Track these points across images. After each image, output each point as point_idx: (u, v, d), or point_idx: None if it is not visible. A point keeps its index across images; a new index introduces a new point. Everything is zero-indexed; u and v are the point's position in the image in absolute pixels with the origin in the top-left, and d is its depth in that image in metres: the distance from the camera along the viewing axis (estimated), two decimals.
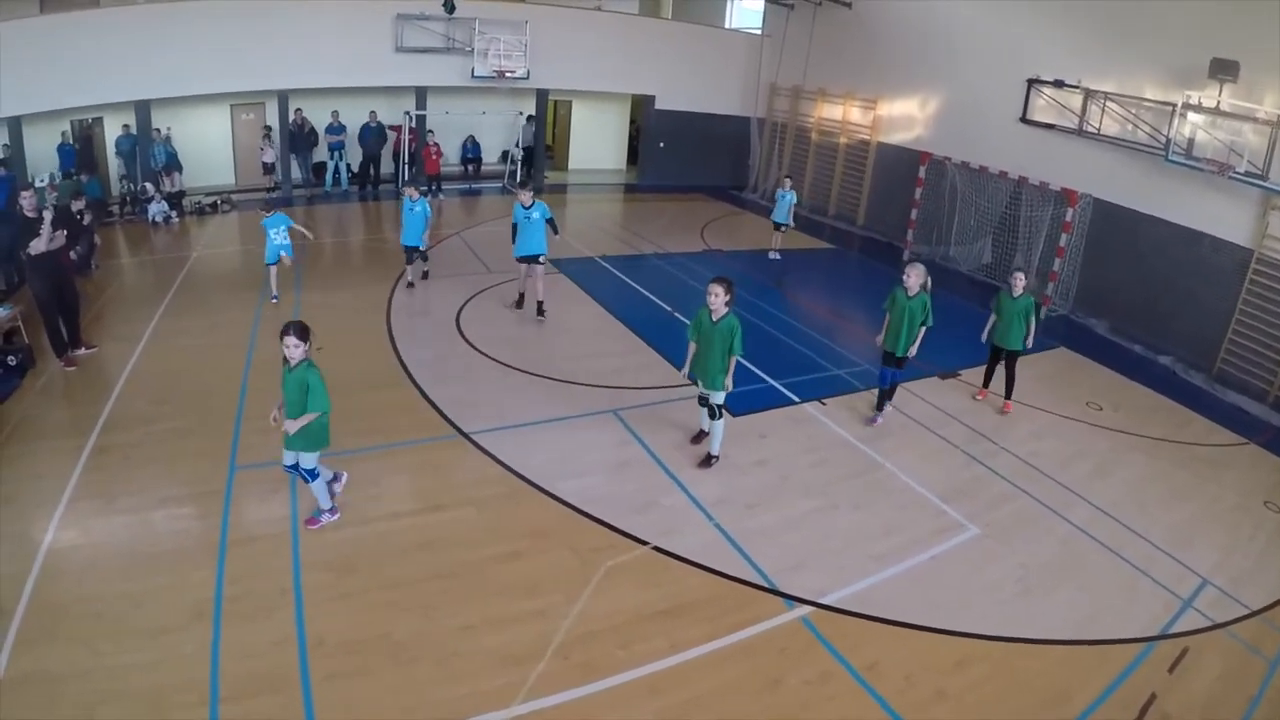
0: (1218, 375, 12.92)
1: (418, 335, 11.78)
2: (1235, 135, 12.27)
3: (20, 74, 15.51)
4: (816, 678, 5.96)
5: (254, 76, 19.11)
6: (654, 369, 11.13)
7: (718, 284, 8.12)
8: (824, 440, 9.65)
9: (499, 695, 5.51)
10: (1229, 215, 12.89)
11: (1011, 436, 10.12)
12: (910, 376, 11.38)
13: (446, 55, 21.09)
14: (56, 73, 16.04)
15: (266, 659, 5.66)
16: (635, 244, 18.11)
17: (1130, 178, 14.50)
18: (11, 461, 7.91)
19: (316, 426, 6.83)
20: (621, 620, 6.37)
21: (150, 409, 9.14)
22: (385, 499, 7.76)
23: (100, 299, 12.51)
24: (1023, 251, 16.22)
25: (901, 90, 20.19)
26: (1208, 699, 6.13)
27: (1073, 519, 8.35)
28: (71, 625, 5.82)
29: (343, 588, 6.48)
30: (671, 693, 5.71)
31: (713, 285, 8.12)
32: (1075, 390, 11.91)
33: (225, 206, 19.00)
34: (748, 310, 13.49)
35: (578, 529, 7.51)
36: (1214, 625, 6.97)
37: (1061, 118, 15.80)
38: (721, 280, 8.20)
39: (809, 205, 23.08)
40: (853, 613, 6.68)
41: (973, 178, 17.48)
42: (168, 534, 7.00)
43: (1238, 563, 7.92)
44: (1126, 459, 9.94)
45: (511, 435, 9.07)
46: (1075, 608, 6.93)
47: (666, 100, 24.80)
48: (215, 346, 10.87)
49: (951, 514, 8.28)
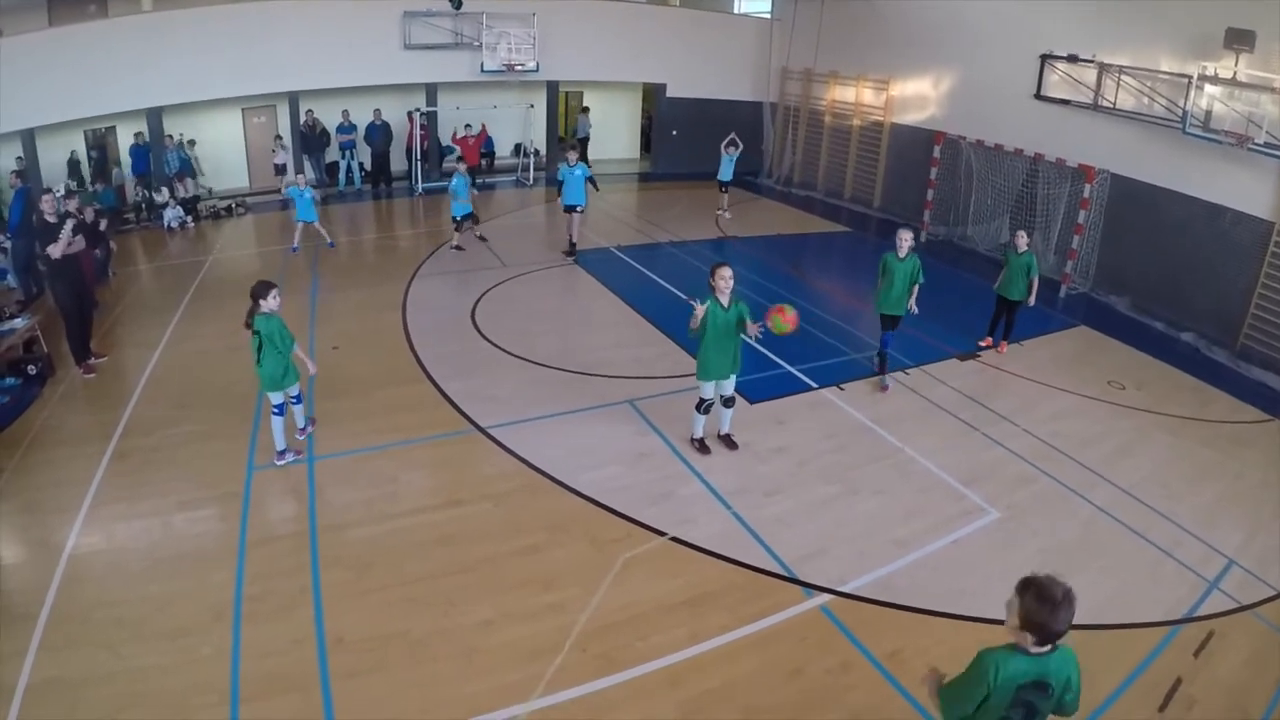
0: (1241, 351, 12.73)
1: (434, 331, 11.79)
2: (1253, 106, 12.05)
3: (31, 87, 15.67)
4: (837, 667, 5.92)
5: (263, 80, 19.18)
6: (670, 358, 11.09)
7: (727, 266, 8.09)
8: (842, 425, 9.59)
9: (518, 689, 5.52)
10: (1249, 188, 12.66)
11: (1032, 417, 10.01)
12: (930, 358, 11.36)
13: (455, 51, 21.10)
14: (67, 84, 16.16)
15: (287, 658, 5.70)
16: (650, 233, 18.06)
17: (1147, 152, 14.29)
18: (33, 468, 8.01)
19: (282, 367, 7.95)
20: (640, 612, 6.36)
21: (169, 413, 9.22)
22: (403, 496, 7.79)
23: (118, 305, 12.63)
24: (1041, 229, 16.04)
25: (914, 70, 20.00)
26: (1234, 683, 6.03)
27: (1095, 500, 8.26)
28: (94, 630, 5.88)
29: (361, 585, 6.51)
30: (691, 684, 5.69)
31: (724, 270, 8.05)
32: (1096, 369, 11.77)
33: (240, 210, 19.09)
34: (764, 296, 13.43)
35: (595, 521, 7.51)
36: (1240, 607, 6.87)
37: (1076, 93, 15.60)
38: (727, 263, 8.19)
39: (825, 189, 22.99)
40: (873, 600, 6.64)
41: (988, 156, 17.31)
42: (188, 536, 7.06)
43: (1263, 543, 7.79)
44: (1149, 438, 9.82)
45: (528, 429, 9.08)
46: (1098, 591, 6.83)
47: (678, 88, 24.67)
48: (232, 349, 10.87)
49: (972, 497, 8.21)
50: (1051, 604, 3.49)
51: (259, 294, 7.71)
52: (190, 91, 18.29)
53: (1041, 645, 3.62)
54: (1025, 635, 3.60)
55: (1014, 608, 3.62)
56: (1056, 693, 3.71)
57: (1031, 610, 3.53)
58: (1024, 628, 3.58)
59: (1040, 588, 3.53)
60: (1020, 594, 3.59)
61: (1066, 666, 3.71)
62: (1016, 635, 3.65)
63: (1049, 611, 3.50)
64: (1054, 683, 3.68)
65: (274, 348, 7.78)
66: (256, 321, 7.72)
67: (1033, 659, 3.64)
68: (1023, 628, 3.58)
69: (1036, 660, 3.64)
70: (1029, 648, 3.63)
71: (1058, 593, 3.50)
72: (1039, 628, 3.54)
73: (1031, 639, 3.59)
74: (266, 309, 7.74)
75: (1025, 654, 3.65)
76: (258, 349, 7.80)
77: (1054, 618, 3.50)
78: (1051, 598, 3.50)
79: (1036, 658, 3.64)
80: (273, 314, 7.77)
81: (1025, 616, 3.55)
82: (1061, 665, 3.69)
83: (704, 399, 8.54)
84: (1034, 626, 3.55)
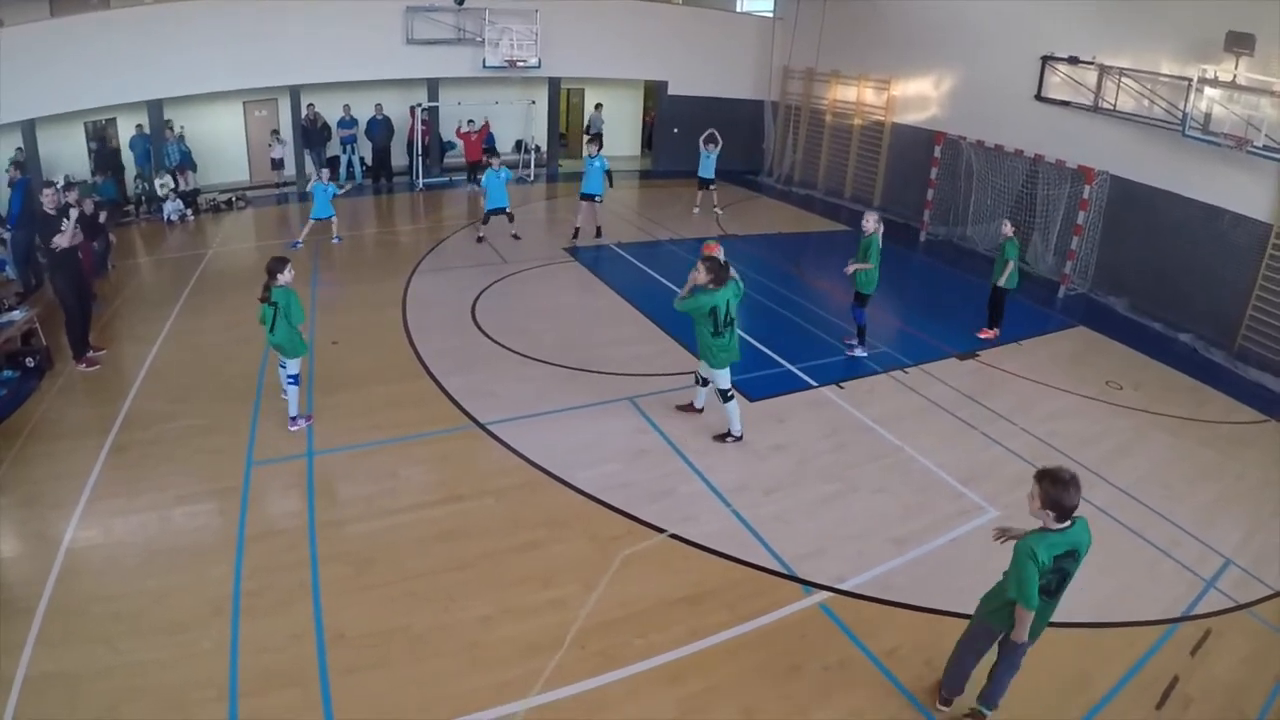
0: (1238, 352, 12.74)
1: (433, 327, 11.77)
2: (1252, 109, 12.05)
3: (32, 77, 15.59)
4: (836, 664, 5.94)
5: (265, 73, 19.15)
6: (670, 355, 11.09)
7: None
8: (842, 424, 9.59)
9: (518, 685, 5.52)
10: (1248, 190, 12.67)
11: (1030, 417, 10.02)
12: (929, 357, 11.39)
13: (457, 46, 21.06)
14: (68, 75, 16.08)
15: (285, 653, 5.70)
16: (651, 230, 18.05)
17: (1147, 154, 14.30)
18: (31, 462, 8.00)
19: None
20: (640, 609, 6.37)
21: (168, 407, 9.20)
22: (403, 491, 7.78)
23: (117, 299, 12.60)
24: (1040, 230, 16.07)
25: (915, 70, 19.99)
26: (1231, 681, 6.05)
27: (1094, 500, 8.23)
28: (92, 624, 5.88)
29: (361, 581, 6.51)
30: (690, 681, 5.70)
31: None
32: (1094, 369, 11.78)
33: (240, 203, 19.07)
34: (765, 295, 13.47)
35: (595, 518, 7.51)
36: (1237, 606, 6.89)
37: (1077, 94, 15.61)
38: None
39: (825, 188, 22.97)
40: (872, 598, 6.65)
41: (988, 157, 17.31)
42: (186, 530, 7.05)
43: (1260, 542, 7.81)
44: (1147, 438, 9.83)
45: (528, 425, 9.08)
46: (1096, 590, 6.81)
47: (679, 86, 24.64)
48: (231, 343, 10.90)
49: (971, 496, 8.22)
50: (1064, 484, 4.48)
51: (275, 269, 8.28)
52: (191, 84, 18.22)
53: (1060, 521, 4.58)
54: (1047, 514, 4.57)
55: (1035, 493, 4.59)
56: (1083, 556, 4.71)
57: (1050, 491, 4.51)
58: (1044, 506, 4.55)
59: (1054, 473, 4.54)
60: (1039, 481, 4.57)
61: (1086, 533, 4.70)
62: (1040, 515, 4.61)
63: (1062, 489, 4.48)
64: (1081, 549, 4.68)
65: (287, 320, 8.31)
66: (274, 294, 8.24)
67: (1060, 533, 4.60)
68: (1044, 506, 4.55)
69: (1064, 534, 4.60)
70: (1051, 525, 4.60)
71: (1066, 475, 4.51)
72: (1057, 504, 4.51)
73: (1052, 515, 4.56)
74: (283, 282, 8.28)
75: (1051, 531, 4.60)
76: (271, 320, 8.31)
77: (1067, 494, 4.49)
78: (1063, 479, 4.49)
79: (1062, 532, 4.60)
80: (289, 287, 8.32)
81: (1045, 497, 4.53)
82: (1083, 533, 4.68)
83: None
84: (1053, 504, 4.52)
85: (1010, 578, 4.74)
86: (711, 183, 19.49)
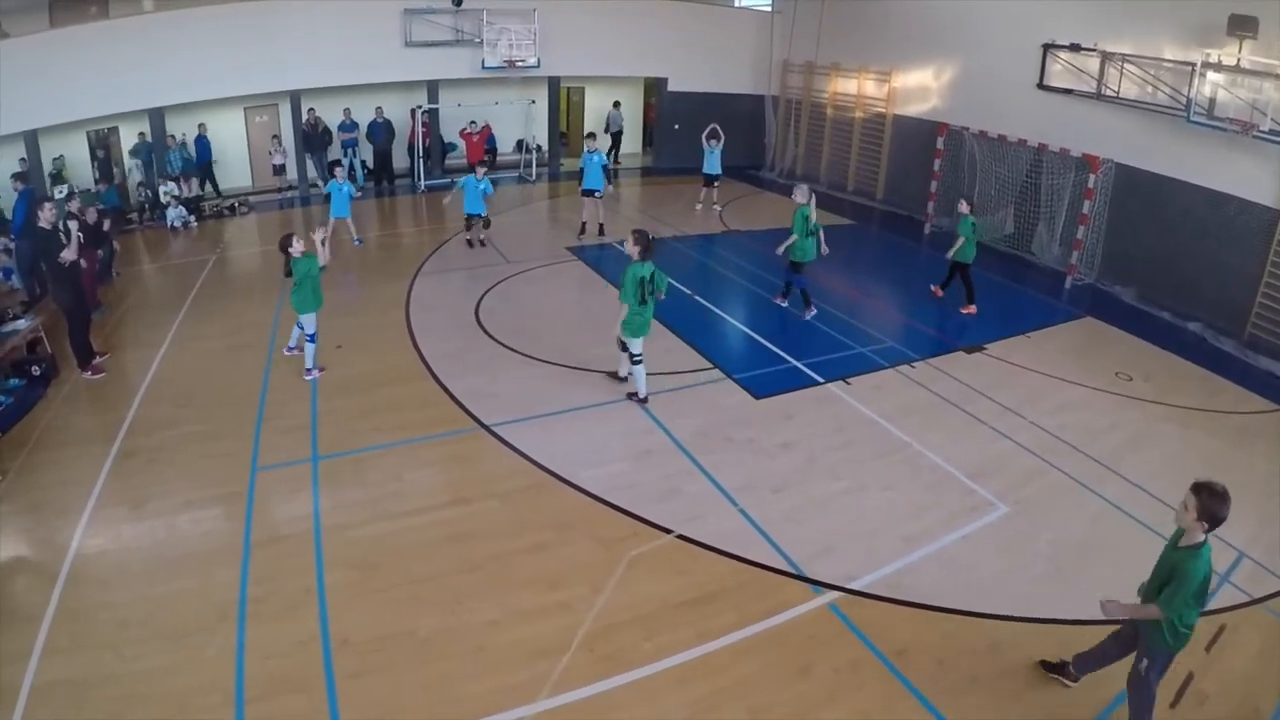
0: (1248, 340, 12.64)
1: (437, 329, 11.75)
2: (1257, 93, 11.95)
3: (33, 87, 15.60)
4: (846, 665, 5.89)
5: (265, 79, 19.11)
6: (674, 354, 11.05)
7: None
8: (850, 420, 9.54)
9: (524, 690, 5.49)
10: (1254, 176, 12.57)
11: (1039, 409, 9.94)
12: (935, 351, 11.33)
13: (456, 48, 21.02)
14: (69, 84, 16.09)
15: (291, 659, 5.68)
16: (653, 227, 17.86)
17: (1152, 141, 14.19)
18: (38, 469, 8.00)
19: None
20: (647, 611, 6.33)
21: (173, 413, 9.20)
22: (408, 494, 7.76)
23: (121, 306, 12.61)
24: (1046, 220, 15.98)
25: (916, 61, 19.88)
26: (1245, 677, 6.00)
27: (1105, 494, 8.20)
28: (98, 630, 5.87)
29: (367, 585, 6.49)
30: (699, 683, 5.66)
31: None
32: (1103, 360, 11.69)
33: (243, 209, 19.07)
34: (770, 291, 13.41)
35: (601, 519, 7.48)
36: (1251, 600, 6.82)
37: (1079, 82, 15.49)
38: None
39: (827, 182, 22.87)
40: (882, 597, 6.60)
41: (991, 147, 17.20)
42: (192, 537, 7.04)
43: (1273, 535, 7.71)
44: (1158, 430, 9.76)
45: (533, 426, 9.04)
46: (1109, 586, 6.74)
47: (679, 82, 24.57)
48: (236, 348, 10.91)
49: (981, 492, 8.16)
50: (1220, 497, 4.64)
51: (286, 245, 9.36)
52: (192, 91, 18.21)
53: (1210, 531, 4.73)
54: (1202, 524, 4.69)
55: (1190, 504, 4.70)
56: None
57: (1208, 504, 4.63)
58: (1200, 518, 4.67)
59: (1211, 488, 4.67)
60: (1196, 494, 4.68)
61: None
62: (1196, 526, 4.72)
63: (1220, 503, 4.63)
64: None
65: (304, 287, 9.44)
66: (294, 265, 9.37)
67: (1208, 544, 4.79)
68: (1199, 519, 4.67)
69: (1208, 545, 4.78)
70: (1196, 537, 4.77)
71: (1221, 488, 4.66)
72: (1213, 517, 4.65)
73: (1205, 526, 4.69)
74: (296, 253, 9.35)
75: (1205, 543, 4.78)
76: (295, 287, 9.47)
77: (1224, 508, 4.63)
78: (1220, 493, 4.64)
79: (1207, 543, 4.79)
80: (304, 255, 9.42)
81: (1203, 509, 4.65)
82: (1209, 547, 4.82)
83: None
84: (1209, 516, 4.65)
85: (1179, 595, 4.78)
86: (717, 179, 19.38)
